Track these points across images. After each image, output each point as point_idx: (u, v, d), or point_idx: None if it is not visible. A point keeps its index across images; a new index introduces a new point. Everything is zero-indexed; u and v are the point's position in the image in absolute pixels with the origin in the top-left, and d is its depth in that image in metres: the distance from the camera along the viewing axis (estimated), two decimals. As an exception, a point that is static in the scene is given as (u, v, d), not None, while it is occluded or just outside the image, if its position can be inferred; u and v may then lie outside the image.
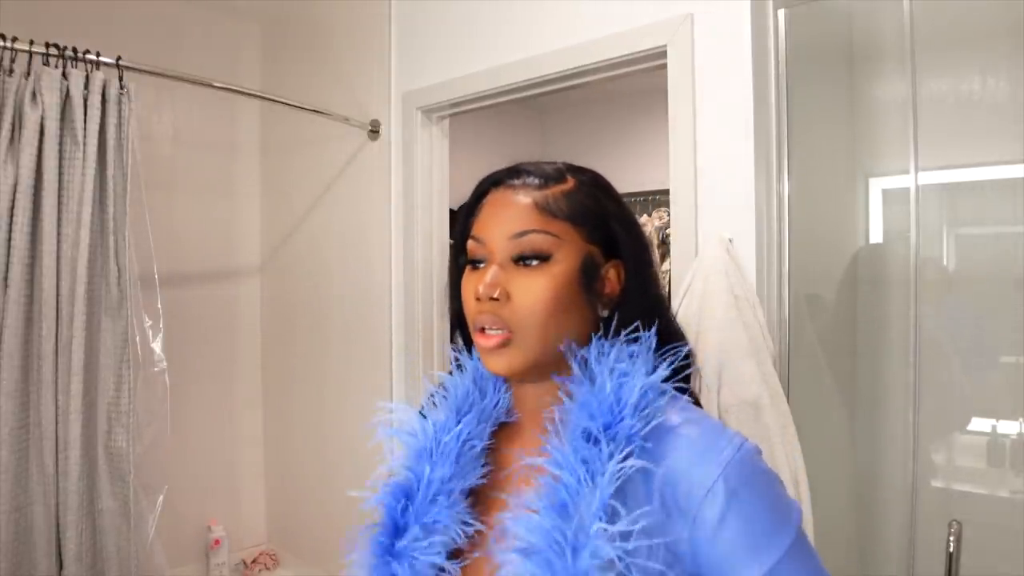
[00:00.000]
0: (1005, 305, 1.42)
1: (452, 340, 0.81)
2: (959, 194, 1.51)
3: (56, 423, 1.60)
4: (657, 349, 0.67)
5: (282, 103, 2.26)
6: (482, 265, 0.70)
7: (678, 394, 0.67)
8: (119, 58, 1.67)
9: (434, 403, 0.76)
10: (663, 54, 1.59)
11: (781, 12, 1.50)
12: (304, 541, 2.67)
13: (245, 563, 2.72)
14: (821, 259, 1.64)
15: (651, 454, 0.61)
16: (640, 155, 3.71)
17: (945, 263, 1.51)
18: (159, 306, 1.81)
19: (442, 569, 0.67)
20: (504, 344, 0.66)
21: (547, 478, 0.63)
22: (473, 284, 0.69)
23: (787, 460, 1.32)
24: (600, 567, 0.57)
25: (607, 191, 0.74)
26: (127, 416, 1.70)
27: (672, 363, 0.67)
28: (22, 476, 1.59)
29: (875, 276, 1.59)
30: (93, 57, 1.64)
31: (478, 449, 0.72)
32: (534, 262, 0.67)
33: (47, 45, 1.58)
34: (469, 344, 0.78)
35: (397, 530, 0.69)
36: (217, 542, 2.60)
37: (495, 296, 0.66)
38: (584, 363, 0.67)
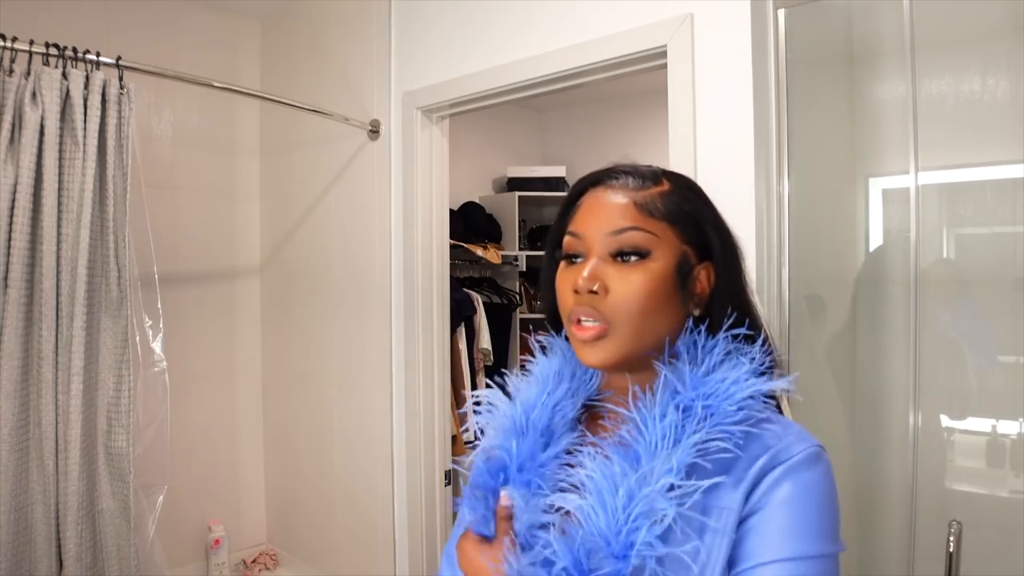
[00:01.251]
0: (1005, 305, 1.42)
1: (545, 331, 0.84)
2: (959, 194, 1.51)
3: (56, 423, 1.60)
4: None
5: (282, 103, 2.26)
6: (578, 260, 0.72)
7: (773, 406, 0.70)
8: (119, 58, 1.67)
9: (519, 387, 0.78)
10: (663, 54, 1.59)
11: (781, 12, 1.50)
12: (304, 541, 2.67)
13: (245, 563, 2.72)
14: (821, 259, 1.64)
15: (738, 445, 0.64)
16: (640, 155, 3.70)
17: (945, 263, 1.51)
18: (159, 306, 1.82)
19: (543, 525, 0.68)
20: (600, 336, 0.68)
21: (627, 429, 0.66)
22: (571, 278, 0.71)
23: (787, 460, 1.31)
24: (649, 515, 0.60)
25: (701, 195, 0.76)
26: (127, 416, 1.70)
27: (776, 375, 0.69)
28: (22, 476, 1.59)
29: (875, 276, 1.59)
30: (93, 57, 1.64)
31: (569, 418, 0.75)
32: (633, 258, 0.69)
33: (47, 45, 1.58)
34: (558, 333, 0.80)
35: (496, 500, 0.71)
36: (217, 542, 2.61)
37: (594, 289, 0.68)
38: (687, 349, 0.69)
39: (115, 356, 1.70)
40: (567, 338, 0.77)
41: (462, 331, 3.03)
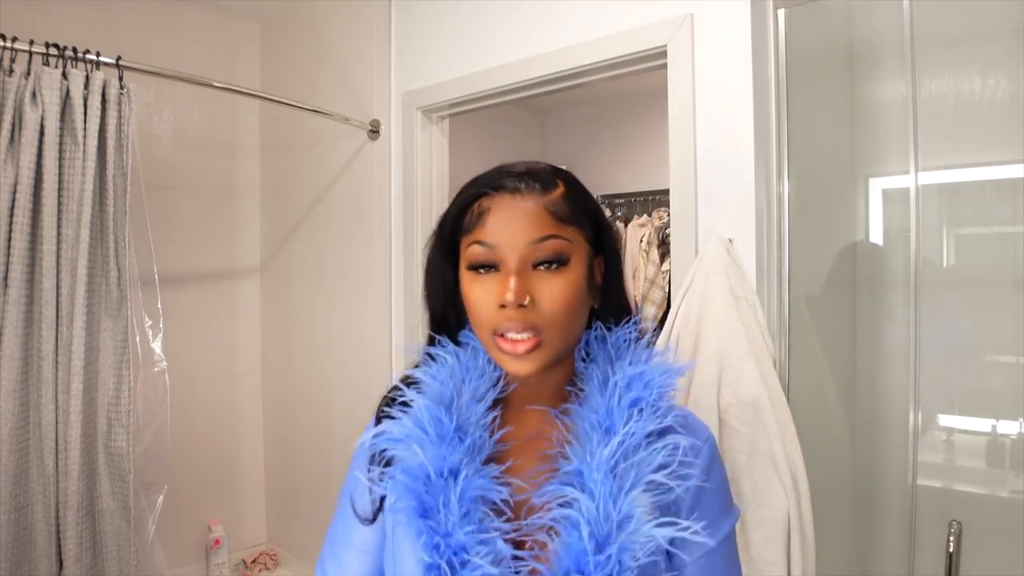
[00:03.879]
0: (1005, 305, 1.42)
1: (431, 339, 0.81)
2: (959, 194, 1.51)
3: (56, 423, 1.60)
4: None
5: (282, 103, 2.26)
6: (489, 270, 0.71)
7: None
8: (119, 58, 1.67)
9: (418, 400, 0.75)
10: (663, 54, 1.59)
11: (781, 12, 1.50)
12: (304, 541, 2.67)
13: (245, 563, 2.72)
14: (821, 259, 1.64)
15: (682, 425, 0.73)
16: (640, 155, 3.70)
17: (945, 263, 1.51)
18: (159, 306, 1.82)
19: (483, 542, 0.67)
20: (534, 348, 0.69)
21: (597, 434, 0.69)
22: (492, 291, 0.70)
23: (787, 460, 1.32)
24: (641, 506, 0.65)
25: (584, 189, 0.78)
26: (127, 416, 1.70)
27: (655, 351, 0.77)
28: (22, 476, 1.59)
29: (875, 276, 1.59)
30: (93, 57, 1.64)
31: (483, 420, 0.74)
32: (553, 266, 0.70)
33: (47, 45, 1.58)
34: (453, 340, 0.80)
35: (426, 512, 0.69)
36: (217, 542, 2.61)
37: (525, 303, 0.68)
38: (598, 344, 0.76)
39: (115, 356, 1.70)
40: (458, 343, 0.79)
41: (462, 331, 3.02)
